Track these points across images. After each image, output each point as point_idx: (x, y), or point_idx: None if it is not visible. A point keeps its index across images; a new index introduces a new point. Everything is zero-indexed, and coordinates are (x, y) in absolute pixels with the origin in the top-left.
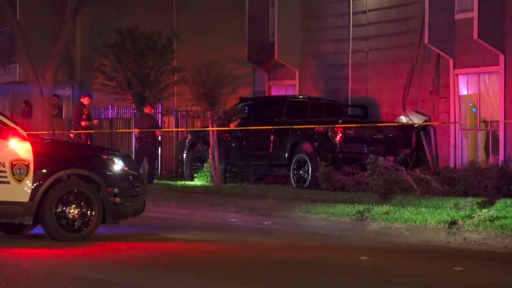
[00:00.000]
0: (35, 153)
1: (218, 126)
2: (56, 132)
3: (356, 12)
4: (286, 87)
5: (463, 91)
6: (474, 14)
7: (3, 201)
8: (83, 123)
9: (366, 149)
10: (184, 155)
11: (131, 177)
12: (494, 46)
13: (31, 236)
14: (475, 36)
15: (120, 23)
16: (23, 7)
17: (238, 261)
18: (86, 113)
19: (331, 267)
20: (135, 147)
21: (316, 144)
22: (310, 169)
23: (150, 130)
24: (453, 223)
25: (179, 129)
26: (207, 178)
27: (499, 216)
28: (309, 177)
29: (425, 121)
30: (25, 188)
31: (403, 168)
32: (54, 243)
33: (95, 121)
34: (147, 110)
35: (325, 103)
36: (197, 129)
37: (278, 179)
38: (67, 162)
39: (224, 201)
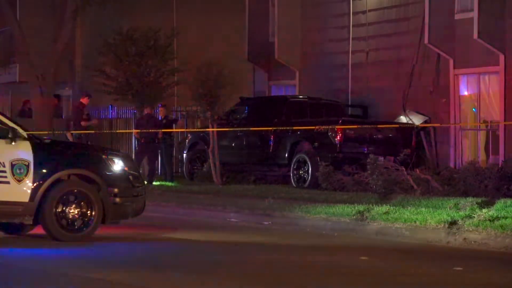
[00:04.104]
0: (35, 153)
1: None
2: (56, 132)
3: (356, 12)
4: (286, 87)
5: (463, 91)
6: (474, 14)
7: (3, 201)
8: (83, 123)
9: (366, 149)
10: (184, 155)
11: (131, 177)
12: (494, 46)
13: (31, 236)
14: (475, 36)
15: (120, 23)
16: (23, 7)
17: (238, 261)
18: (86, 113)
19: (331, 267)
20: (135, 147)
21: (316, 144)
22: (310, 169)
23: (151, 130)
24: (453, 223)
25: (179, 130)
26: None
27: (499, 216)
28: (309, 177)
29: (425, 121)
30: (25, 188)
31: (403, 168)
32: (54, 243)
33: (94, 121)
34: (147, 110)
35: (325, 103)
36: (197, 129)
37: (278, 179)
38: (67, 162)
39: (224, 201)
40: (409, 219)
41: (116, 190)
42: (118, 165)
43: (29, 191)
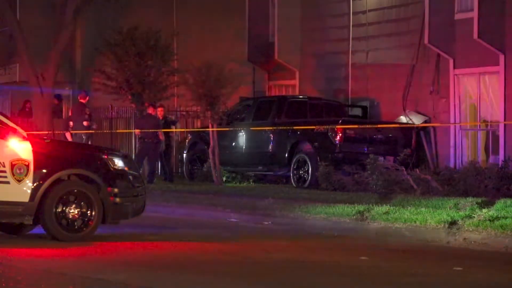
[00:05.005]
0: (35, 153)
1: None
2: (56, 132)
3: (356, 12)
4: (286, 87)
5: (463, 91)
6: (474, 14)
7: (3, 201)
8: (85, 123)
9: (366, 149)
10: (184, 155)
11: (131, 177)
12: (494, 46)
13: (31, 236)
14: (475, 36)
15: (120, 23)
16: (23, 7)
17: (238, 261)
18: (88, 112)
19: (331, 267)
20: (135, 147)
21: (316, 144)
22: (310, 169)
23: (151, 130)
24: (453, 223)
25: (179, 130)
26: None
27: (499, 216)
28: (309, 177)
29: (425, 121)
30: (25, 188)
31: (403, 168)
32: (54, 243)
33: (94, 126)
34: (149, 110)
35: (325, 103)
36: (197, 129)
37: (278, 179)
38: (67, 162)
39: (224, 201)
40: (409, 219)
41: (116, 190)
42: (118, 165)
43: (29, 191)
